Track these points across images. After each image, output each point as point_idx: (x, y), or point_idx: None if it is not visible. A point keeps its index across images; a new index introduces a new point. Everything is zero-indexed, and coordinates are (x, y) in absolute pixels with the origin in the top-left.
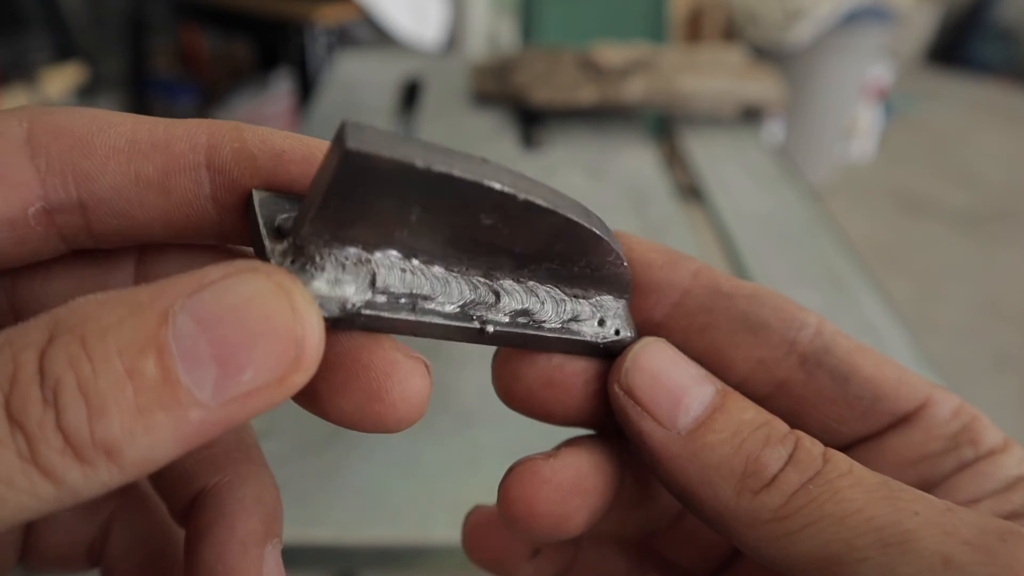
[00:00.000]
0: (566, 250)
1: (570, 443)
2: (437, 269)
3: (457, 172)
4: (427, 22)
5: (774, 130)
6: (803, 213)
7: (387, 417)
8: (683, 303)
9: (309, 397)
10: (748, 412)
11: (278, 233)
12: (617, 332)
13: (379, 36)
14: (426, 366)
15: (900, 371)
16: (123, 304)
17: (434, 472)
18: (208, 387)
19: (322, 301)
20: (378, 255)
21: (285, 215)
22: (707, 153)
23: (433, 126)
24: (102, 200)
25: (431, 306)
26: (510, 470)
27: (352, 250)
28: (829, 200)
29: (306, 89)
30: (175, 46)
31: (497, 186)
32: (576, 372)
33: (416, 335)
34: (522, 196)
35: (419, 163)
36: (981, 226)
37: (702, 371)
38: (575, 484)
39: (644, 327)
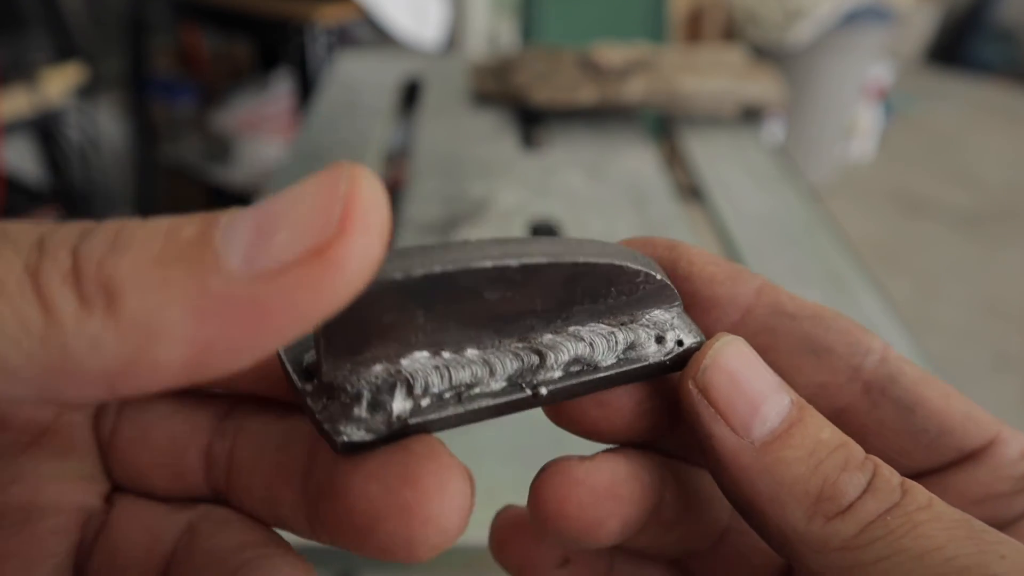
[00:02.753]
0: (590, 291)
1: (609, 450)
2: (471, 352)
3: (439, 268)
4: (427, 22)
5: (774, 130)
6: (803, 213)
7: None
8: (744, 322)
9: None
10: (826, 431)
11: (308, 373)
12: (680, 342)
13: (379, 36)
14: (469, 476)
15: (968, 405)
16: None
17: None
18: (239, 253)
19: (367, 425)
20: (405, 363)
21: (310, 352)
22: (707, 153)
23: (433, 126)
24: None
25: (477, 391)
26: (543, 469)
27: (378, 368)
28: (829, 200)
29: (306, 89)
30: (175, 46)
31: (488, 264)
32: (628, 390)
33: (472, 423)
34: (516, 263)
35: (398, 276)
36: (981, 226)
37: (779, 379)
38: (609, 489)
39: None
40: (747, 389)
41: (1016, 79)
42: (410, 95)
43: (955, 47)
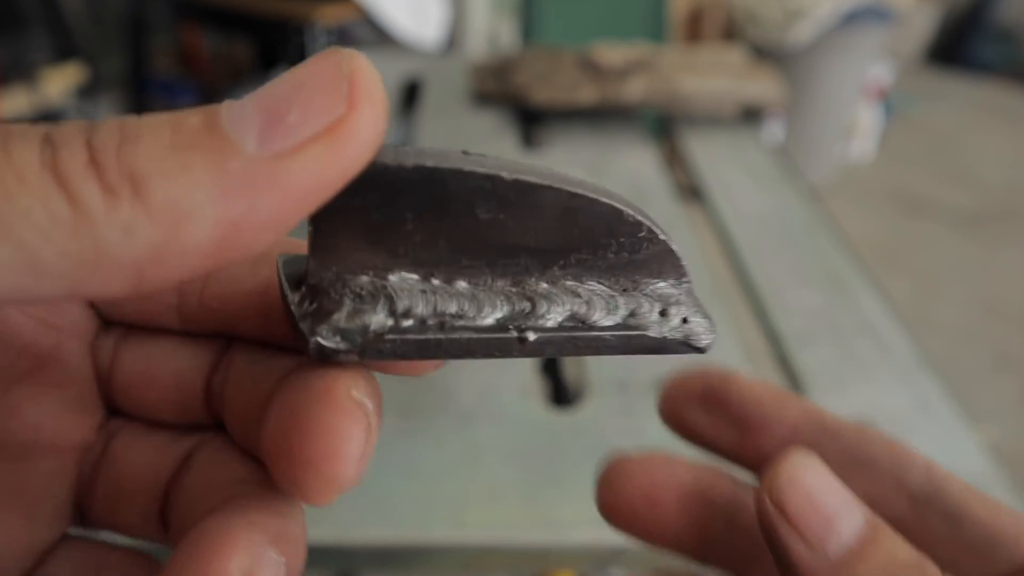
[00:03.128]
0: (588, 234)
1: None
2: (461, 285)
3: (431, 163)
4: (427, 22)
5: (774, 130)
6: (803, 213)
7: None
8: (791, 439)
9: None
10: (903, 551)
11: (298, 284)
12: (685, 320)
13: (379, 36)
14: (366, 421)
15: (1017, 517)
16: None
17: (434, 472)
18: (253, 136)
19: (343, 334)
20: (393, 279)
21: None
22: (707, 153)
23: (433, 126)
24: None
25: (461, 323)
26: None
27: (364, 278)
28: (829, 200)
29: None
30: (175, 46)
31: (480, 170)
32: (679, 487)
33: (449, 357)
34: (510, 176)
35: (389, 162)
36: (981, 226)
37: (852, 495)
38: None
39: (754, 461)
40: (821, 505)
41: (1016, 79)
42: (410, 95)
43: (955, 47)
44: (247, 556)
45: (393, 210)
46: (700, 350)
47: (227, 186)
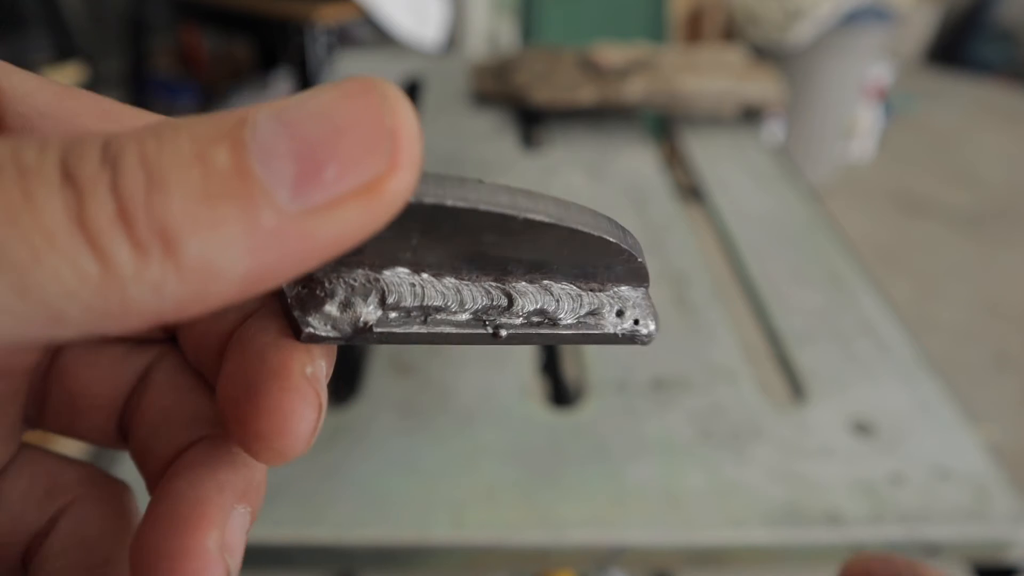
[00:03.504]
0: (575, 256)
1: None
2: (448, 280)
3: (450, 202)
4: (427, 22)
5: (774, 130)
6: (803, 213)
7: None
8: None
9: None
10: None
11: None
12: (636, 321)
13: (379, 36)
14: (315, 400)
15: None
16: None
17: (434, 472)
18: (286, 186)
19: (334, 323)
20: (386, 274)
21: None
22: (707, 153)
23: (433, 126)
24: None
25: (442, 316)
26: None
27: (360, 272)
28: (829, 200)
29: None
30: (175, 46)
31: (495, 211)
32: None
33: (430, 344)
34: (522, 216)
35: (410, 198)
36: (981, 226)
37: None
38: None
39: None
40: None
41: (1016, 79)
42: (410, 95)
43: (955, 47)
44: (219, 528)
45: (403, 231)
46: (642, 344)
47: (258, 242)
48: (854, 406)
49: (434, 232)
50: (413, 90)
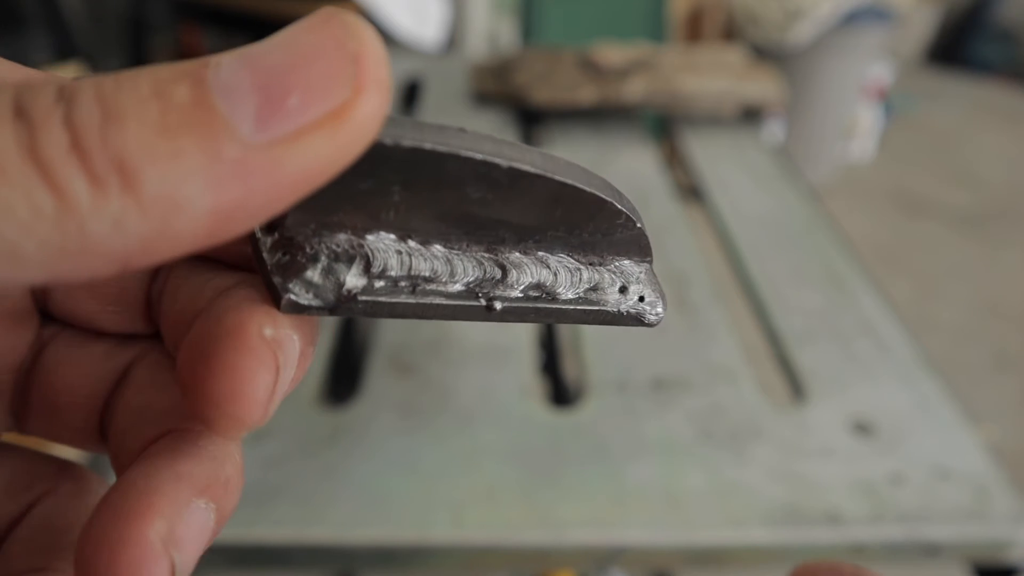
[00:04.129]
0: (569, 216)
1: None
2: (437, 248)
3: (429, 145)
4: (427, 22)
5: (774, 130)
6: (803, 213)
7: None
8: None
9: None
10: None
11: (270, 227)
12: (642, 298)
13: (379, 36)
14: (272, 362)
15: None
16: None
17: (434, 472)
18: (248, 119)
19: (316, 290)
20: (371, 239)
21: None
22: (707, 153)
23: None
24: None
25: (432, 287)
26: None
27: (342, 236)
28: (829, 200)
29: None
30: (175, 46)
31: (477, 156)
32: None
33: (420, 318)
34: (506, 164)
35: (387, 140)
36: (981, 226)
37: None
38: None
39: None
40: None
41: (1016, 79)
42: (410, 95)
43: (955, 47)
44: (167, 519)
45: (382, 182)
46: (650, 325)
47: (221, 174)
48: (854, 406)
49: (416, 184)
50: (413, 90)
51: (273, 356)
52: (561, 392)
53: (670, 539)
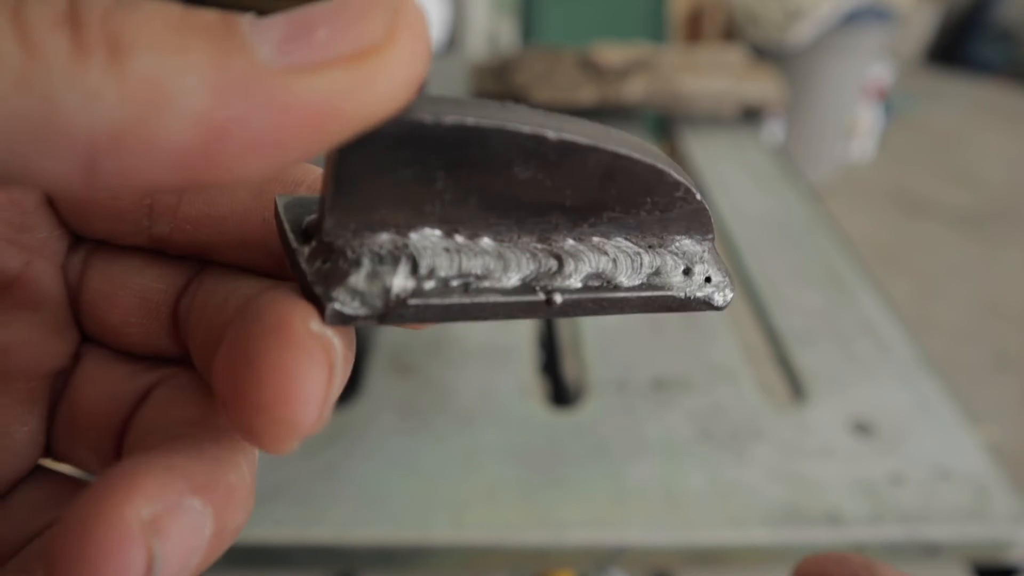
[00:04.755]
0: (625, 192)
1: None
2: (486, 242)
3: (472, 121)
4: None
5: (774, 130)
6: (803, 213)
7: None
8: None
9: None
10: None
11: (306, 235)
12: (708, 279)
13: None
14: (326, 359)
15: None
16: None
17: (434, 472)
18: (271, 43)
19: (362, 298)
20: (415, 237)
21: (312, 216)
22: (707, 153)
23: None
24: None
25: (487, 284)
26: None
27: (385, 236)
28: (829, 200)
29: None
30: None
31: (525, 129)
32: None
33: (474, 319)
34: (555, 136)
35: (427, 119)
36: (981, 226)
37: None
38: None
39: None
40: None
41: (1016, 79)
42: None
43: (955, 47)
44: (151, 503)
45: (425, 168)
46: (718, 309)
47: (224, 82)
48: (854, 406)
49: (460, 169)
50: None
51: (325, 351)
52: (561, 392)
53: (670, 539)
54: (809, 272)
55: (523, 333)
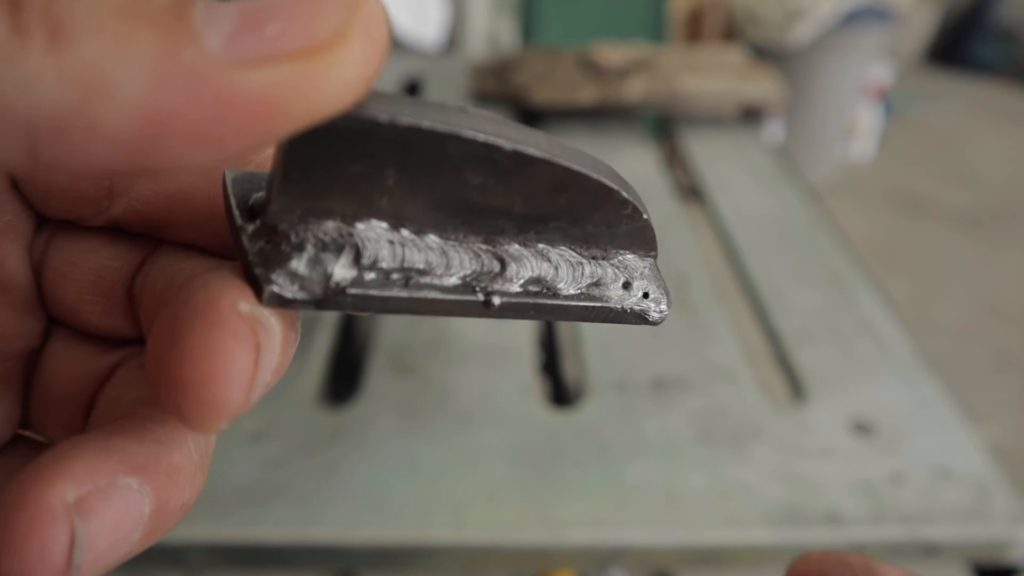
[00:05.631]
0: (574, 206)
1: None
2: (431, 239)
3: (427, 124)
4: (427, 22)
5: (774, 130)
6: (803, 213)
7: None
8: None
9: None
10: None
11: (252, 213)
12: (646, 295)
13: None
14: (252, 341)
15: None
16: None
17: (434, 472)
18: (220, 34)
19: (302, 282)
20: (361, 227)
21: (260, 193)
22: (707, 153)
23: None
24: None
25: (427, 280)
26: None
27: (331, 224)
28: (829, 200)
29: None
30: None
31: (480, 137)
32: None
33: (413, 313)
34: (510, 146)
35: (382, 117)
36: (981, 226)
37: None
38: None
39: None
40: None
41: (1016, 79)
42: (410, 95)
43: (955, 47)
44: (77, 485)
45: (376, 164)
46: (653, 323)
47: (168, 73)
48: (854, 406)
49: (412, 169)
50: (413, 90)
51: (251, 332)
52: (561, 392)
53: (670, 539)
54: (809, 272)
55: (523, 333)
